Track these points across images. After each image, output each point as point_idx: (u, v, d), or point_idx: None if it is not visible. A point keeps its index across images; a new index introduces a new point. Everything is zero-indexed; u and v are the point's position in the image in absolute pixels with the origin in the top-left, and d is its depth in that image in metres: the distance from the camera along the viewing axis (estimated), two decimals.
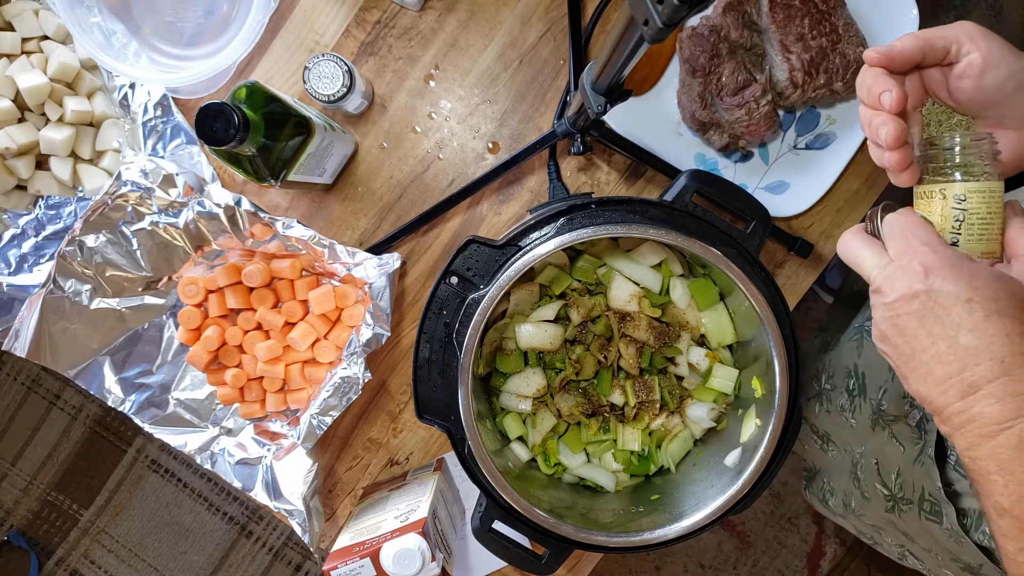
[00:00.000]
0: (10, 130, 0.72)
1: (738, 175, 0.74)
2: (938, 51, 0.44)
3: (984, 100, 0.44)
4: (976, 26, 0.44)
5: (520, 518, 0.62)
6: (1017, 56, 0.43)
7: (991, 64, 0.42)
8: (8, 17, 0.75)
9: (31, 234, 0.78)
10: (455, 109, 0.77)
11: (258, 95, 0.62)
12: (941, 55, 0.44)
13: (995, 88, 0.43)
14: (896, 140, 0.44)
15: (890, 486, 0.70)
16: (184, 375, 0.78)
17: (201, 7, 0.75)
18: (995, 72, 0.42)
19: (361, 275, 0.71)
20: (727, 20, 0.67)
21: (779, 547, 1.65)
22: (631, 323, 0.68)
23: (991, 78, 0.43)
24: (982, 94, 0.43)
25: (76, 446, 1.68)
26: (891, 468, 0.70)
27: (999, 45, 0.43)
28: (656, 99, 0.74)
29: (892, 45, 0.45)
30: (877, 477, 0.72)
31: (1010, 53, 0.43)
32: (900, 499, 0.70)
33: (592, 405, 0.70)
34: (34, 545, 1.69)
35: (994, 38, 0.43)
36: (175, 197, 0.70)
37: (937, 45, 0.44)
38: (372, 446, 0.80)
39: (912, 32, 0.46)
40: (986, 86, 0.43)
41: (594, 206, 0.61)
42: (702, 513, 0.61)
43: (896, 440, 0.68)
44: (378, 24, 0.77)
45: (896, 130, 0.44)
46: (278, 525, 1.67)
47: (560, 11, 0.75)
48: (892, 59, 0.45)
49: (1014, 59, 0.42)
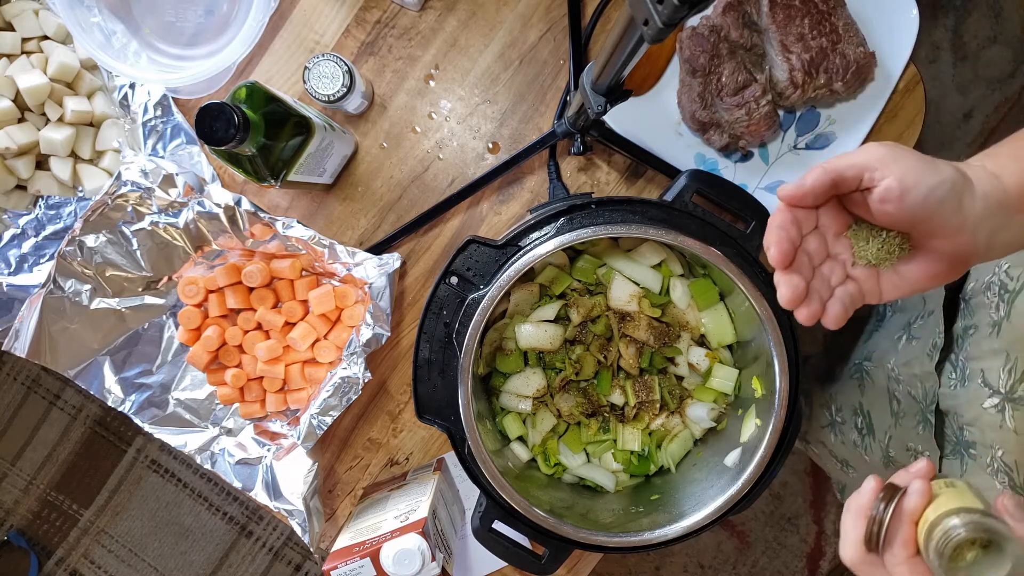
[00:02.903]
0: (10, 130, 0.72)
1: (738, 175, 0.74)
2: (850, 180, 0.43)
3: (910, 220, 0.42)
4: (886, 148, 0.42)
5: (520, 518, 0.62)
6: (934, 171, 0.41)
7: (908, 187, 0.41)
8: (8, 17, 0.75)
9: (31, 234, 0.78)
10: (455, 109, 0.77)
11: (258, 95, 0.62)
12: (854, 184, 0.43)
13: (918, 207, 0.41)
14: (788, 300, 0.44)
15: None
16: (184, 375, 0.78)
17: (201, 7, 0.75)
18: (914, 193, 0.41)
19: (361, 275, 0.71)
20: (727, 20, 0.67)
21: (779, 547, 1.65)
22: (631, 323, 0.68)
23: (911, 200, 0.41)
24: (906, 215, 0.42)
25: (76, 446, 1.67)
26: None
27: (913, 164, 0.41)
28: (656, 99, 0.74)
29: (803, 181, 0.43)
30: None
31: (926, 170, 0.41)
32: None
33: (592, 405, 0.70)
34: (34, 545, 1.69)
35: (906, 158, 0.42)
36: (175, 197, 0.70)
37: (848, 175, 0.42)
38: (372, 446, 0.80)
39: (822, 164, 0.44)
40: (908, 208, 0.41)
41: (594, 206, 0.61)
42: (702, 513, 0.61)
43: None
44: (378, 24, 0.77)
45: (786, 290, 0.44)
46: (278, 525, 1.67)
47: (560, 11, 0.75)
48: (803, 196, 0.44)
49: (931, 175, 0.41)
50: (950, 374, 0.64)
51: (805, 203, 0.44)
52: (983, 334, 0.61)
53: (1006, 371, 0.57)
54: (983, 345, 0.60)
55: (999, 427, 0.57)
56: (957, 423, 0.63)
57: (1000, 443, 0.57)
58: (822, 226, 0.46)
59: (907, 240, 0.44)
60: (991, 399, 0.58)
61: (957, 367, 0.63)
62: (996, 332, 0.59)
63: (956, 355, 0.64)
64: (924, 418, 0.65)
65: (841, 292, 0.45)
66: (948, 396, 0.64)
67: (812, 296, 0.44)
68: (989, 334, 0.60)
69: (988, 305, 0.61)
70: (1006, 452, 0.57)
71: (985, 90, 1.49)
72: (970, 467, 0.61)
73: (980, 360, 0.60)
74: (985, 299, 0.61)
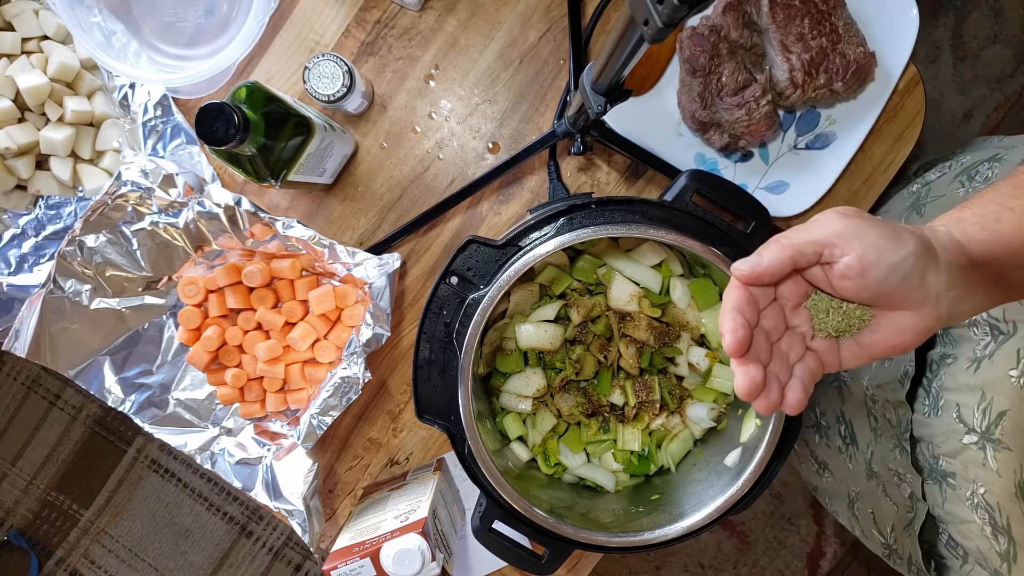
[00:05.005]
0: (10, 130, 0.72)
1: (738, 175, 0.74)
2: (809, 257, 0.41)
3: (871, 295, 0.41)
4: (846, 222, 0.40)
5: (520, 518, 0.62)
6: (896, 246, 0.39)
7: (869, 264, 0.39)
8: (8, 17, 0.75)
9: (31, 234, 0.78)
10: (455, 109, 0.77)
11: (258, 95, 0.62)
12: (813, 260, 0.41)
13: (879, 284, 0.40)
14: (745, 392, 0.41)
15: (886, 537, 0.68)
16: (184, 375, 0.78)
17: (201, 7, 0.75)
18: (875, 271, 0.39)
19: (361, 275, 0.71)
20: (727, 20, 0.67)
21: (779, 547, 1.65)
22: (631, 323, 0.68)
23: (872, 276, 0.39)
24: (867, 291, 0.40)
25: (76, 446, 1.67)
26: (886, 522, 0.68)
27: (874, 241, 0.39)
28: (656, 99, 0.74)
29: (760, 259, 0.41)
30: (873, 525, 0.71)
31: (889, 246, 0.39)
32: (895, 551, 0.69)
33: (592, 405, 0.70)
34: (34, 545, 1.69)
35: (867, 232, 0.40)
36: (175, 197, 0.70)
37: (807, 251, 0.41)
38: (372, 446, 0.80)
39: (779, 239, 0.41)
40: (869, 284, 0.40)
41: (594, 206, 0.61)
42: (702, 513, 0.61)
43: (890, 499, 0.66)
44: (378, 24, 0.77)
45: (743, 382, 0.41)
46: (278, 525, 1.67)
47: (560, 11, 0.75)
48: (760, 276, 0.41)
49: (893, 252, 0.39)
50: (923, 400, 0.63)
51: (762, 282, 0.42)
52: (960, 367, 0.60)
53: (980, 410, 0.56)
54: (959, 378, 0.59)
55: (982, 465, 0.56)
56: (932, 452, 0.62)
57: (983, 481, 0.56)
58: (780, 297, 0.44)
59: (868, 311, 0.43)
60: (969, 436, 0.57)
61: (930, 394, 0.62)
62: (975, 368, 0.58)
63: (930, 381, 0.63)
64: (899, 444, 0.64)
65: (800, 371, 0.43)
66: (921, 424, 0.63)
67: (770, 384, 0.42)
68: (967, 368, 0.59)
69: (974, 340, 0.59)
70: (989, 491, 0.56)
71: (985, 90, 1.49)
72: (949, 495, 0.60)
73: (955, 393, 0.59)
74: (971, 333, 0.60)
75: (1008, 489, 0.53)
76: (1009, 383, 0.54)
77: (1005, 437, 0.54)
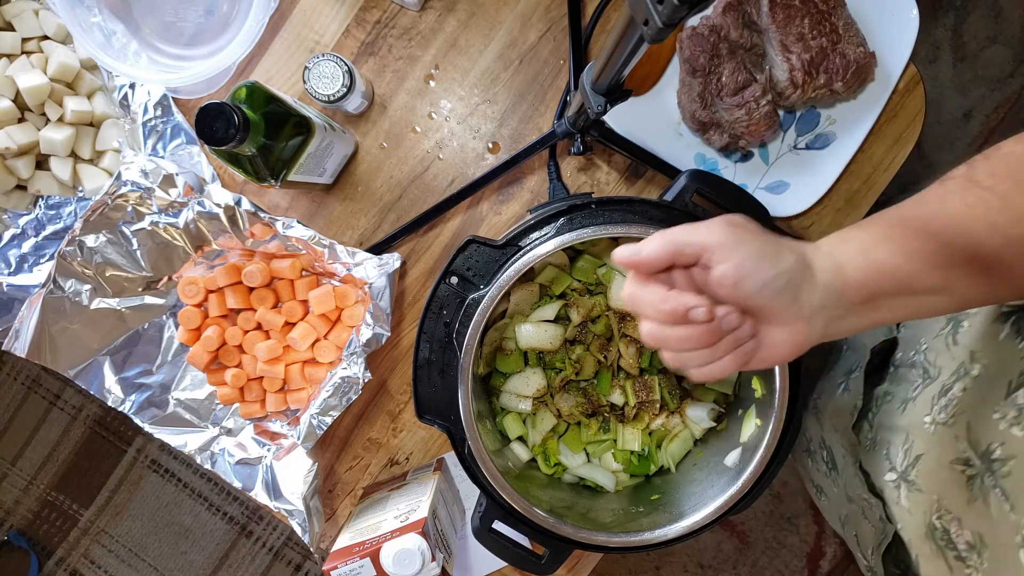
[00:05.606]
0: (10, 130, 0.72)
1: (738, 175, 0.74)
2: (688, 257, 0.42)
3: (745, 305, 0.41)
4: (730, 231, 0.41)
5: (520, 518, 0.62)
6: (773, 263, 0.40)
7: (743, 276, 0.40)
8: (8, 17, 0.75)
9: (31, 234, 0.78)
10: (455, 109, 0.77)
11: (258, 95, 0.62)
12: (692, 260, 0.42)
13: (751, 296, 0.41)
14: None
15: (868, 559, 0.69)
16: (184, 375, 0.78)
17: (201, 7, 0.75)
18: (749, 283, 0.40)
19: (361, 275, 0.71)
20: (727, 20, 0.67)
21: (779, 547, 1.65)
22: (631, 323, 0.68)
23: (745, 288, 0.40)
24: (741, 301, 0.41)
25: (76, 446, 1.67)
26: (867, 544, 0.68)
27: (750, 254, 0.40)
28: (656, 99, 0.74)
29: (641, 248, 0.42)
30: (857, 547, 0.71)
31: (765, 261, 0.40)
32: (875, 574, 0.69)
33: (592, 405, 0.70)
34: (34, 545, 1.69)
35: (747, 244, 0.41)
36: (175, 197, 0.70)
37: (686, 252, 0.41)
38: (372, 446, 0.80)
39: (664, 234, 0.42)
40: (742, 295, 0.41)
41: (594, 206, 0.61)
42: (702, 513, 0.61)
43: (868, 521, 0.67)
44: (378, 24, 0.77)
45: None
46: (278, 525, 1.67)
47: (560, 11, 0.75)
48: (636, 264, 0.43)
49: (769, 267, 0.40)
50: (866, 433, 0.64)
51: (639, 269, 0.43)
52: (894, 407, 0.60)
53: (903, 450, 0.56)
54: (892, 418, 0.60)
55: (896, 503, 0.57)
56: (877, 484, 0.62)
57: (900, 519, 0.57)
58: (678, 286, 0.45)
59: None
60: (890, 474, 0.58)
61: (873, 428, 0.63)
62: (903, 409, 0.58)
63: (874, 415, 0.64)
64: (856, 471, 0.65)
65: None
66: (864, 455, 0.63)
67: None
68: (897, 408, 0.59)
69: (910, 381, 0.60)
70: (904, 528, 0.56)
71: (985, 90, 1.49)
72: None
73: (888, 431, 0.60)
74: (910, 374, 0.60)
75: (919, 529, 0.53)
76: (923, 428, 0.55)
77: (919, 479, 0.54)
